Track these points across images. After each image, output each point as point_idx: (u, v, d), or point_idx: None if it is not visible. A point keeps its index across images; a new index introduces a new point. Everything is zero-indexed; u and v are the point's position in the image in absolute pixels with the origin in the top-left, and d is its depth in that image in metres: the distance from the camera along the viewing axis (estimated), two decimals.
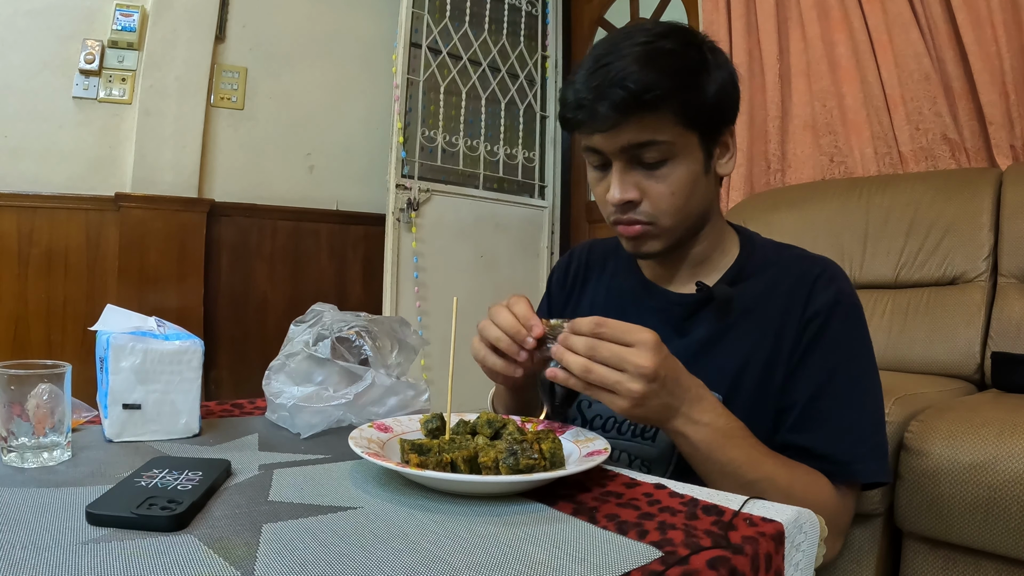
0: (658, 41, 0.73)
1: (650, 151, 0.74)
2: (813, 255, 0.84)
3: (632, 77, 0.70)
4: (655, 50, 0.72)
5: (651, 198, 0.77)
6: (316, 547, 0.45)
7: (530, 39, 3.10)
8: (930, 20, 1.90)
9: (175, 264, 2.34)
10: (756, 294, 0.81)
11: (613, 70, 0.71)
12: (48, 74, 2.18)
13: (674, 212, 0.77)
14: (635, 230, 0.79)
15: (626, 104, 0.71)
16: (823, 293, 0.78)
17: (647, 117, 0.72)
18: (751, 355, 0.78)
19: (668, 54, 0.73)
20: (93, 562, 0.41)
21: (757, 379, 0.78)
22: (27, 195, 2.14)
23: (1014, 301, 1.56)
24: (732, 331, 0.80)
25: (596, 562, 0.44)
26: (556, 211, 3.16)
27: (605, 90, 0.71)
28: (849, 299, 0.79)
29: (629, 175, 0.76)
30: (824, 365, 0.76)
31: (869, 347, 0.79)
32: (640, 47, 0.72)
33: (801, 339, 0.77)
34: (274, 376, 0.84)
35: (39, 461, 0.62)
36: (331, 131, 2.74)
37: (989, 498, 1.01)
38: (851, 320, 0.78)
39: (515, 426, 0.69)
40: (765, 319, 0.79)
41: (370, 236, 2.77)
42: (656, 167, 0.75)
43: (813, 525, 0.56)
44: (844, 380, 0.76)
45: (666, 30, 0.75)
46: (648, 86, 0.70)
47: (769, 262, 0.84)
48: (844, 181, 2.01)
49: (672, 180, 0.76)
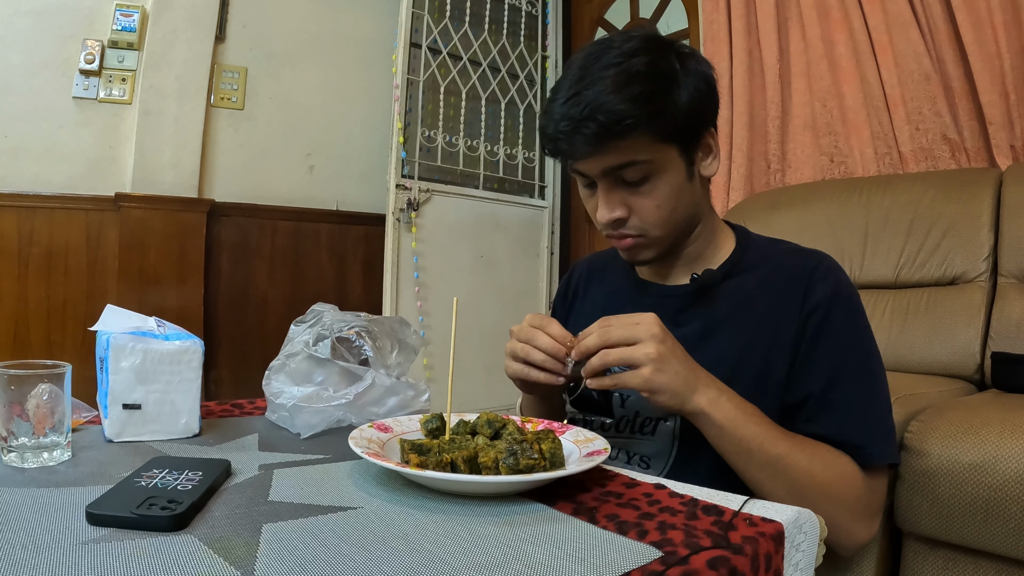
0: (627, 61, 0.74)
1: (631, 171, 0.76)
2: (807, 249, 0.86)
3: (603, 108, 0.72)
4: (624, 73, 0.73)
5: (638, 213, 0.79)
6: (316, 547, 0.45)
7: (530, 39, 3.10)
8: (930, 20, 1.90)
9: (175, 264, 2.34)
10: (752, 287, 0.82)
11: (585, 100, 0.73)
12: (48, 74, 2.18)
13: (662, 223, 0.80)
14: (627, 243, 0.82)
15: (600, 136, 0.73)
16: (821, 285, 0.79)
17: (623, 142, 0.74)
18: (748, 347, 0.79)
19: (637, 77, 0.73)
20: (93, 562, 0.41)
21: (755, 371, 0.78)
22: (27, 195, 2.14)
23: (1014, 301, 1.56)
24: (729, 323, 0.81)
25: (596, 562, 0.44)
26: (556, 211, 3.16)
27: (579, 124, 0.73)
28: (847, 289, 0.80)
29: (614, 194, 0.79)
30: (832, 357, 0.77)
31: (871, 334, 0.81)
32: (612, 70, 0.73)
33: (804, 333, 0.78)
34: (274, 376, 0.84)
35: (39, 461, 0.62)
36: (331, 131, 2.74)
37: (989, 498, 1.01)
38: (852, 310, 0.79)
39: (515, 426, 0.69)
40: (762, 312, 0.80)
41: (370, 236, 2.78)
42: (639, 184, 0.77)
43: (813, 525, 0.56)
44: (853, 369, 0.77)
45: (635, 46, 0.76)
46: (619, 117, 0.72)
47: (764, 256, 0.85)
48: (844, 181, 2.01)
49: (656, 194, 0.78)
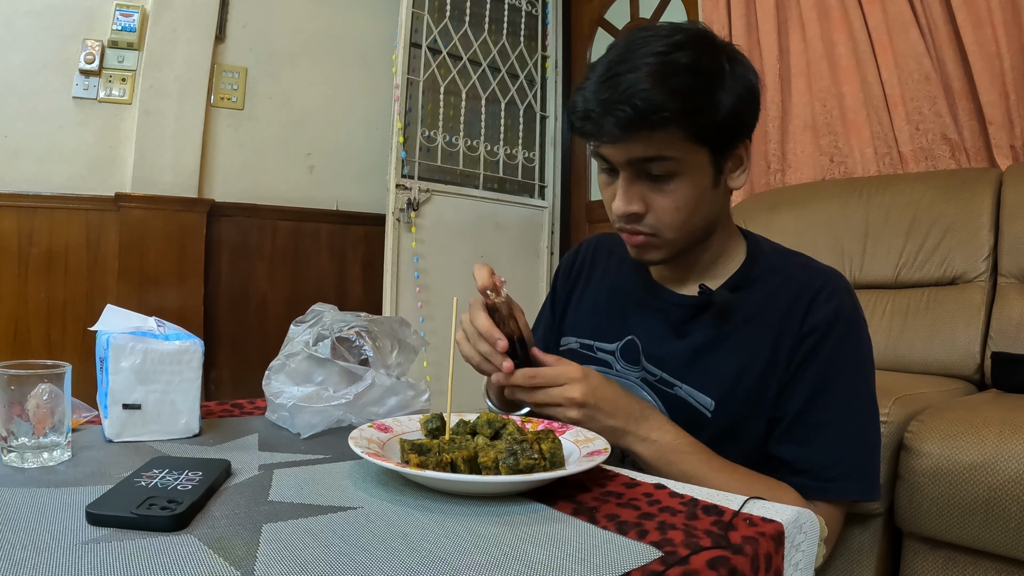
0: (673, 53, 0.70)
1: (657, 165, 0.73)
2: (818, 266, 0.83)
3: (641, 95, 0.68)
4: (668, 64, 0.69)
5: (656, 211, 0.76)
6: (316, 547, 0.45)
7: (530, 39, 3.10)
8: (930, 20, 1.90)
9: (175, 264, 2.34)
10: (757, 302, 0.80)
11: (623, 84, 0.69)
12: (48, 74, 2.18)
13: (678, 226, 0.76)
14: (638, 240, 0.79)
15: (632, 123, 0.69)
16: (822, 309, 0.77)
17: (655, 134, 0.70)
18: (748, 363, 0.78)
19: (682, 70, 0.69)
20: (93, 562, 0.41)
21: (751, 387, 0.77)
22: (27, 195, 2.14)
23: (1014, 301, 1.56)
24: (730, 338, 0.80)
25: (596, 562, 0.44)
26: (556, 211, 3.16)
27: (612, 106, 0.69)
28: (849, 315, 0.77)
29: (635, 187, 0.75)
30: (815, 381, 0.75)
31: (866, 366, 0.78)
32: (654, 59, 0.69)
33: (796, 353, 0.76)
34: (274, 376, 0.84)
35: (39, 461, 0.62)
36: (331, 131, 2.74)
37: (989, 498, 1.01)
38: (849, 338, 0.77)
39: (515, 426, 0.69)
40: (764, 328, 0.78)
41: (370, 236, 2.78)
42: (663, 181, 0.74)
43: (813, 525, 0.56)
44: (834, 397, 0.75)
45: (684, 39, 0.72)
46: (656, 107, 0.68)
47: (773, 269, 0.82)
48: (844, 181, 2.01)
49: (678, 195, 0.74)
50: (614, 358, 0.88)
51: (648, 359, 0.85)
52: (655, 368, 0.84)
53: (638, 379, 0.86)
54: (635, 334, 0.87)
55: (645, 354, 0.85)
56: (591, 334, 0.92)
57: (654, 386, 0.84)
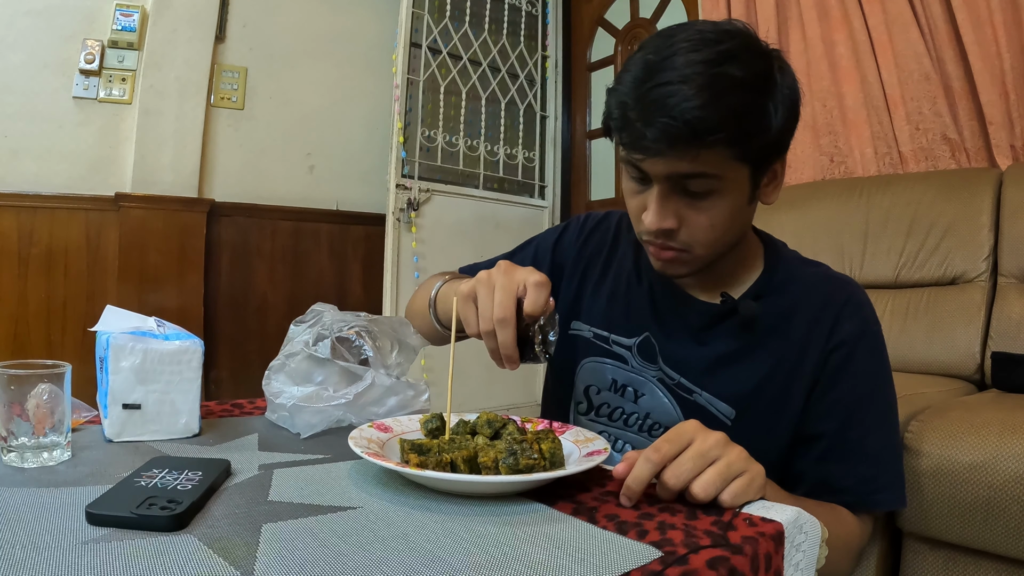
0: (725, 64, 0.64)
1: (697, 182, 0.68)
2: (838, 276, 0.83)
3: (692, 112, 0.62)
4: (720, 78, 0.63)
5: (689, 228, 0.71)
6: (316, 547, 0.45)
7: (530, 39, 3.10)
8: (930, 20, 1.90)
9: (175, 264, 2.34)
10: (779, 312, 0.79)
11: (668, 94, 0.63)
12: (48, 74, 2.18)
13: (711, 243, 0.73)
14: (668, 255, 0.75)
15: (680, 138, 0.64)
16: (849, 322, 0.76)
17: (703, 153, 0.65)
18: (770, 375, 0.77)
19: (736, 86, 0.64)
20: (93, 562, 0.41)
21: (773, 398, 0.77)
22: (27, 195, 2.14)
23: (1014, 301, 1.56)
24: (753, 349, 0.78)
25: (596, 562, 0.44)
26: (556, 211, 3.16)
27: (656, 117, 0.63)
28: (874, 328, 0.78)
29: (670, 202, 0.70)
30: (850, 397, 0.75)
31: (891, 377, 0.79)
32: (703, 68, 0.63)
33: (825, 367, 0.76)
34: (274, 376, 0.84)
35: (39, 461, 0.62)
36: (331, 131, 2.74)
37: (989, 498, 1.01)
38: (876, 351, 0.77)
39: (515, 426, 0.69)
40: (787, 340, 0.77)
41: (370, 236, 2.78)
42: (700, 197, 0.70)
43: (813, 525, 0.56)
44: (870, 413, 0.75)
45: (734, 47, 0.65)
46: (710, 127, 0.63)
47: (793, 278, 0.81)
48: (844, 181, 2.01)
49: (714, 213, 0.71)
50: (631, 353, 0.85)
51: (665, 360, 0.83)
52: (673, 372, 0.82)
53: (655, 379, 0.83)
54: (651, 332, 0.84)
55: (662, 355, 0.83)
56: (607, 325, 0.88)
57: (672, 390, 0.82)
